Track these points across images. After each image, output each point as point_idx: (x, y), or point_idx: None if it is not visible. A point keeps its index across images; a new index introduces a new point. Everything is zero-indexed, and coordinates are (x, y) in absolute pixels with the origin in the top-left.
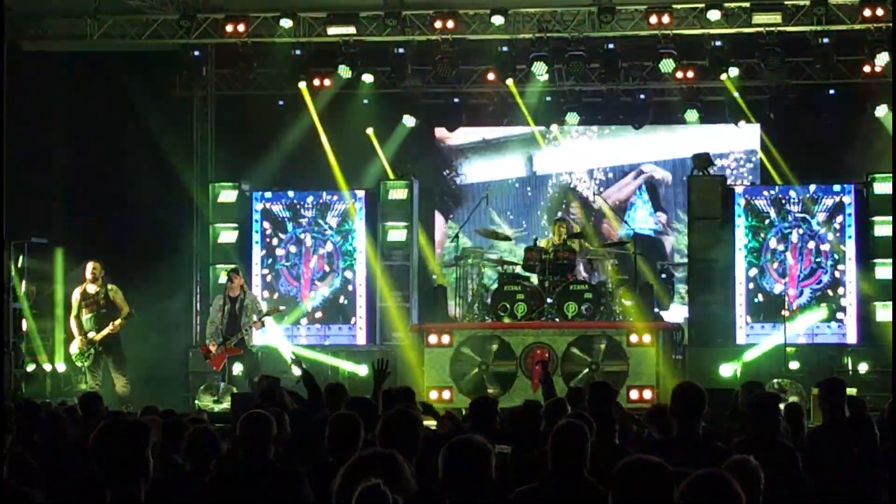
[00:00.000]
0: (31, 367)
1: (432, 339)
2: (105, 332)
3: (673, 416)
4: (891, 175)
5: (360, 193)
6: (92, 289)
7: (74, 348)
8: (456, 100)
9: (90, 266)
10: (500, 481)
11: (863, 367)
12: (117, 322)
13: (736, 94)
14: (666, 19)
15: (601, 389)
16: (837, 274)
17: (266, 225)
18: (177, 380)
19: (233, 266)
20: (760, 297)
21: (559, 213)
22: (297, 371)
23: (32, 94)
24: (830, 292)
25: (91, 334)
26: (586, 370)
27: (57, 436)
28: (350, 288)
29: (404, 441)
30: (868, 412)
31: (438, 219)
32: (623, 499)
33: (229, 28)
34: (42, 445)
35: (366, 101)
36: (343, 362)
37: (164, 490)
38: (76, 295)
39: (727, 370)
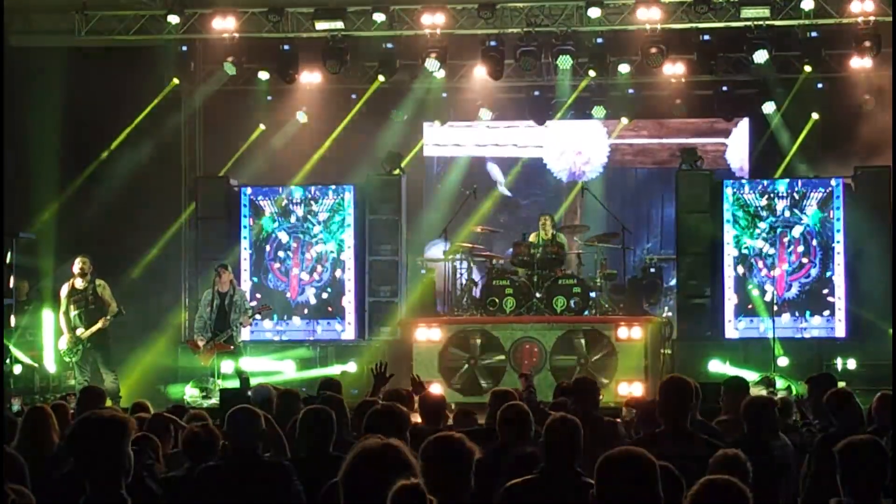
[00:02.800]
0: (18, 365)
1: (421, 333)
2: (94, 328)
3: (661, 410)
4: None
5: (349, 188)
6: (80, 284)
7: (63, 344)
8: (444, 94)
9: (78, 261)
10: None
11: (851, 363)
12: (106, 319)
13: (724, 88)
14: (654, 13)
15: (584, 385)
16: (826, 268)
17: (254, 220)
18: (166, 376)
19: (221, 262)
20: (748, 291)
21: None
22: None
23: (19, 89)
24: (819, 286)
25: (79, 331)
26: (575, 364)
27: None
28: (338, 283)
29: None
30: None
31: (427, 213)
32: (607, 490)
33: (217, 23)
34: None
35: (353, 96)
36: (328, 369)
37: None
38: (64, 291)
39: (716, 365)
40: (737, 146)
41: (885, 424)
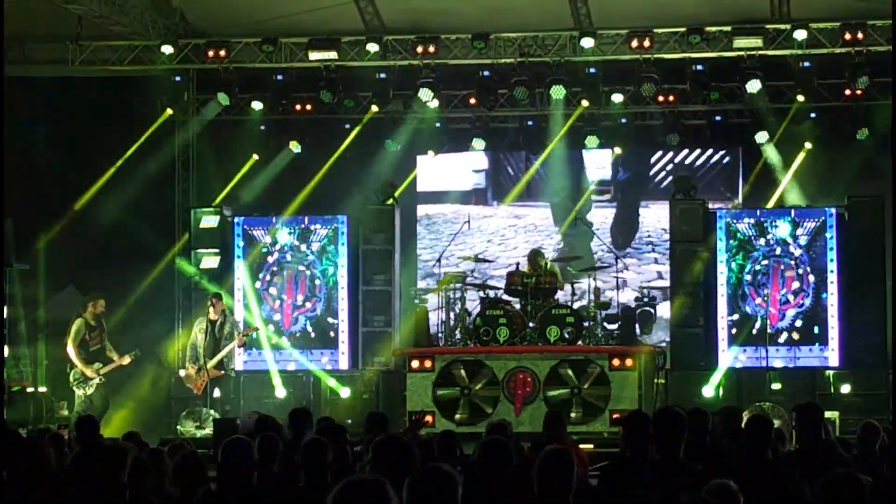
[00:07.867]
0: (14, 391)
1: (415, 363)
2: (112, 366)
3: (654, 440)
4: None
5: (342, 218)
6: (93, 322)
7: (80, 376)
8: (438, 124)
9: (100, 302)
10: None
11: (845, 389)
12: (126, 360)
13: (717, 118)
14: (647, 43)
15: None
16: (819, 297)
17: (248, 250)
18: (159, 405)
19: (214, 291)
20: (742, 321)
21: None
22: None
23: (14, 118)
24: (812, 315)
25: (96, 365)
26: (569, 394)
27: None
28: (332, 312)
29: (398, 467)
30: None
31: (421, 243)
32: None
33: (211, 53)
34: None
35: (347, 126)
36: (327, 377)
37: None
38: (77, 325)
39: (709, 392)
40: (730, 175)
41: (865, 452)
